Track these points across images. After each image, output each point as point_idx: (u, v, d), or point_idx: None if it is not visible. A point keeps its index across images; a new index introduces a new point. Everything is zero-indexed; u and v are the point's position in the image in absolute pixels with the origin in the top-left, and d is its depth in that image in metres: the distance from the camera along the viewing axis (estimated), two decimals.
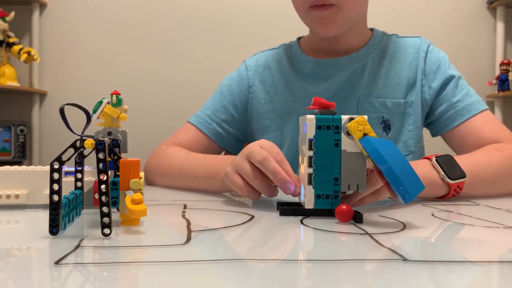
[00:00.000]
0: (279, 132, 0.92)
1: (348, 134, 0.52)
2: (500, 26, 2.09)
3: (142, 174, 0.46)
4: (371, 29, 0.94)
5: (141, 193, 0.45)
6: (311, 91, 0.89)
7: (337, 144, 0.52)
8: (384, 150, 0.47)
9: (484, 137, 0.82)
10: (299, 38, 0.98)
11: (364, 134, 0.50)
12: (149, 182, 0.88)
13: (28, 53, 1.91)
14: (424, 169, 0.65)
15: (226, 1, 2.14)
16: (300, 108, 0.90)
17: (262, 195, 0.60)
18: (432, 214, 0.56)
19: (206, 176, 0.75)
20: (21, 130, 2.09)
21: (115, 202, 0.45)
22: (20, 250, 0.38)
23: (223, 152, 0.98)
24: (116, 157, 0.49)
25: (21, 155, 2.09)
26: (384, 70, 0.90)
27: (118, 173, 0.46)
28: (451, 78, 0.88)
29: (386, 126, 0.87)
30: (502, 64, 2.02)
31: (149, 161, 0.89)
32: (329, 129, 0.52)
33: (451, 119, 0.86)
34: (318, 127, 0.52)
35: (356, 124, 0.50)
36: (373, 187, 0.54)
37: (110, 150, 0.48)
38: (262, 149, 0.58)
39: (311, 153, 0.52)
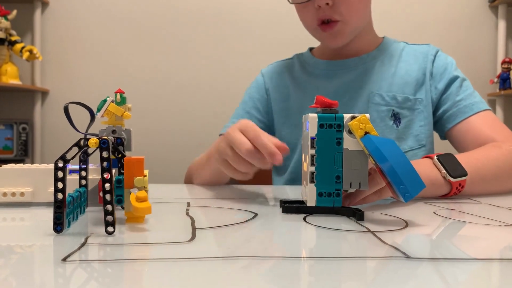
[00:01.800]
0: (294, 128, 0.97)
1: (350, 132, 0.52)
2: (502, 24, 2.09)
3: (146, 172, 0.46)
4: (383, 37, 0.99)
5: (145, 190, 0.45)
6: (323, 88, 0.94)
7: (339, 142, 0.52)
8: (385, 148, 0.48)
9: (483, 135, 0.83)
10: (310, 49, 1.03)
11: (366, 133, 0.50)
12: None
13: (30, 51, 1.91)
14: (426, 168, 0.66)
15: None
16: None
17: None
18: (434, 212, 0.56)
19: (206, 158, 0.81)
20: (23, 128, 2.09)
21: (120, 200, 0.45)
22: (25, 248, 0.39)
23: None
24: (120, 155, 0.49)
25: (23, 153, 2.10)
26: (393, 69, 0.93)
27: (122, 171, 0.46)
28: (455, 78, 0.91)
29: (397, 119, 0.90)
30: (503, 62, 2.02)
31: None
32: (331, 128, 0.52)
33: (453, 117, 0.88)
34: (320, 126, 0.52)
35: (358, 123, 0.51)
36: (376, 186, 0.55)
37: (114, 148, 0.49)
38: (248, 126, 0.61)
39: (313, 151, 0.52)
